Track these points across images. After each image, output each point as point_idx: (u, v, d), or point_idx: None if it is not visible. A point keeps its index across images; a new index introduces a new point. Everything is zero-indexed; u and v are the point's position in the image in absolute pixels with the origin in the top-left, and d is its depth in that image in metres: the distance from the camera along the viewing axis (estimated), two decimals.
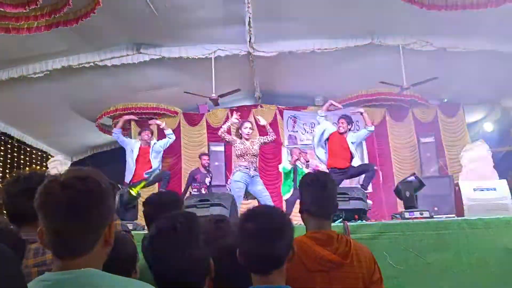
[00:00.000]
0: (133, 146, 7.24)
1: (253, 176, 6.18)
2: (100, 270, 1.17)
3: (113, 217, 1.25)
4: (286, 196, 8.03)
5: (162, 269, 1.44)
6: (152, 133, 7.56)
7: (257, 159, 6.45)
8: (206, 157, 8.76)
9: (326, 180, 2.19)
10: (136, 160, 7.12)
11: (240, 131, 6.39)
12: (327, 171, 6.44)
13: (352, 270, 1.97)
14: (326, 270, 1.96)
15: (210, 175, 8.65)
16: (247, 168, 6.13)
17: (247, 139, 6.30)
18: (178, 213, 1.61)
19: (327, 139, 6.80)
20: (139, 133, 7.58)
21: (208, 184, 8.40)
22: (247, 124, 6.41)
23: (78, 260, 1.15)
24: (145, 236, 1.53)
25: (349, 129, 6.80)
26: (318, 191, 2.13)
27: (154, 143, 7.36)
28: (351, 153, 6.68)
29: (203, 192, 8.05)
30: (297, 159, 8.07)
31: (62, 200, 1.13)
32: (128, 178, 7.09)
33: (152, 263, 1.47)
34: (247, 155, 6.20)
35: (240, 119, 6.80)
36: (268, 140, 6.52)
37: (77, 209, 1.14)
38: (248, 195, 6.50)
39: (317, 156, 7.00)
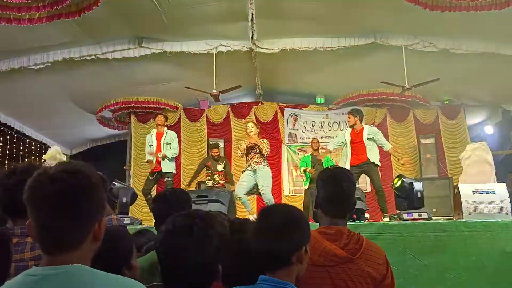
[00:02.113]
0: (150, 139, 7.58)
1: (256, 171, 6.59)
2: (88, 266, 1.15)
3: (103, 212, 1.22)
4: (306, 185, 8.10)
5: (170, 265, 1.43)
6: (166, 118, 7.83)
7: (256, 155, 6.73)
8: (216, 150, 8.97)
9: (342, 177, 2.09)
10: (156, 148, 7.45)
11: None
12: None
13: (360, 268, 1.90)
14: (332, 265, 1.90)
15: (224, 161, 8.83)
16: (249, 166, 6.64)
17: (251, 137, 6.72)
18: (198, 212, 1.56)
19: (350, 141, 6.85)
20: (154, 118, 7.93)
21: (221, 170, 8.59)
22: (250, 124, 6.90)
23: (66, 255, 1.13)
24: (160, 230, 1.52)
25: (359, 120, 6.91)
26: (332, 188, 2.06)
27: (167, 133, 7.60)
28: (365, 147, 6.69)
29: (217, 178, 8.45)
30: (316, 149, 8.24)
31: (50, 194, 1.10)
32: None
33: (162, 257, 1.47)
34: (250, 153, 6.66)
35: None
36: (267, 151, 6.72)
37: (66, 203, 1.12)
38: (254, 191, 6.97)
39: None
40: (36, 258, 1.68)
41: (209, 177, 8.53)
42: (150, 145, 7.54)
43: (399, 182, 5.12)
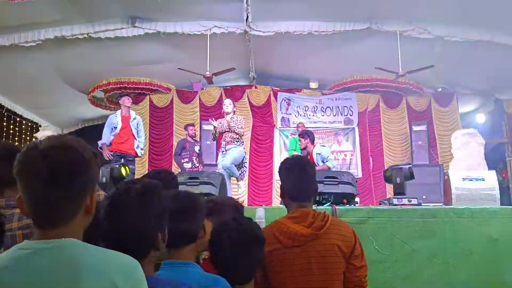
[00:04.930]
0: (115, 121, 7.05)
1: (225, 152, 6.43)
2: (81, 240, 1.15)
3: (94, 187, 1.21)
4: None
5: (108, 229, 1.42)
6: (133, 100, 7.42)
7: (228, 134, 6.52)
8: (192, 127, 8.75)
9: (305, 163, 2.28)
10: (120, 130, 6.98)
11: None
12: None
13: (328, 241, 2.07)
14: (301, 245, 2.06)
15: (199, 143, 8.73)
16: (223, 147, 6.49)
17: (228, 114, 6.54)
18: (141, 180, 1.56)
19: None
20: (119, 99, 7.38)
21: (198, 152, 8.46)
22: (227, 101, 6.73)
23: (59, 229, 1.13)
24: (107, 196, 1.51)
25: (310, 142, 6.87)
26: (298, 175, 2.21)
27: (135, 118, 7.21)
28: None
29: (195, 161, 8.30)
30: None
31: (42, 169, 1.09)
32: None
33: (103, 220, 1.45)
34: (223, 132, 6.50)
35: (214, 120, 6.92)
36: (237, 129, 6.48)
37: (57, 179, 1.11)
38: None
39: None
40: (24, 228, 1.67)
41: (187, 160, 8.35)
42: (114, 127, 6.98)
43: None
